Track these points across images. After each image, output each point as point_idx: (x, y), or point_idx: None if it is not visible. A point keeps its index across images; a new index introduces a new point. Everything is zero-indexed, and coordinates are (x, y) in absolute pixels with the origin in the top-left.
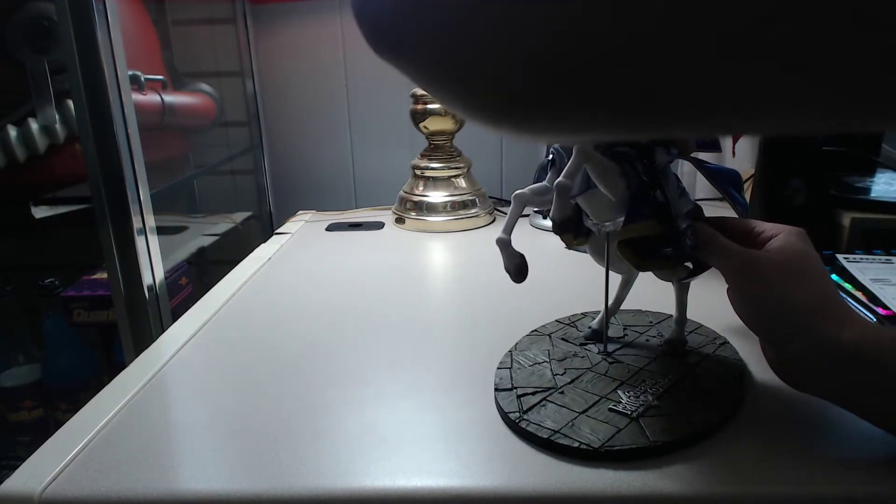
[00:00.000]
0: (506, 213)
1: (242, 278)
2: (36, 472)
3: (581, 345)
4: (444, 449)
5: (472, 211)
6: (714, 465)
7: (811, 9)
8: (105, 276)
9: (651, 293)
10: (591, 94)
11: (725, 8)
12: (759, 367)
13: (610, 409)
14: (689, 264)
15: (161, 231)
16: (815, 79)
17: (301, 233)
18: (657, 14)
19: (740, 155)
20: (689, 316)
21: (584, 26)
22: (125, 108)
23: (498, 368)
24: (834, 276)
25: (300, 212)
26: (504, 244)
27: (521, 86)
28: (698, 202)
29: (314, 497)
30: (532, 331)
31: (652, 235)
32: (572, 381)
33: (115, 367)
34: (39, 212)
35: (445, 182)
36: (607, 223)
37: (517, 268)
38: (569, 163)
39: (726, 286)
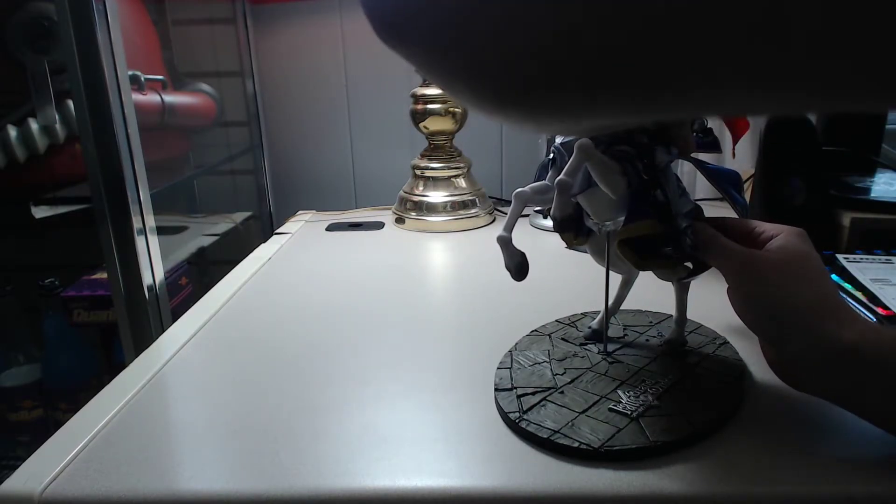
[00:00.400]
0: (506, 213)
1: (242, 278)
2: (36, 472)
3: (581, 345)
4: (444, 449)
5: (472, 211)
6: (714, 465)
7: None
8: (105, 276)
9: (651, 293)
10: (594, 89)
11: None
12: (759, 367)
13: (610, 409)
14: (689, 264)
15: (161, 231)
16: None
17: (301, 233)
18: (657, 14)
19: (740, 155)
20: (689, 316)
21: (583, 27)
22: (125, 108)
23: (498, 368)
24: (834, 276)
25: (300, 212)
26: (505, 242)
27: (521, 86)
28: (698, 202)
29: (314, 497)
30: (532, 331)
31: (652, 235)
32: (572, 381)
33: (115, 367)
34: (39, 212)
35: (445, 182)
36: (608, 222)
37: (518, 266)
38: (569, 161)
39: (726, 286)
